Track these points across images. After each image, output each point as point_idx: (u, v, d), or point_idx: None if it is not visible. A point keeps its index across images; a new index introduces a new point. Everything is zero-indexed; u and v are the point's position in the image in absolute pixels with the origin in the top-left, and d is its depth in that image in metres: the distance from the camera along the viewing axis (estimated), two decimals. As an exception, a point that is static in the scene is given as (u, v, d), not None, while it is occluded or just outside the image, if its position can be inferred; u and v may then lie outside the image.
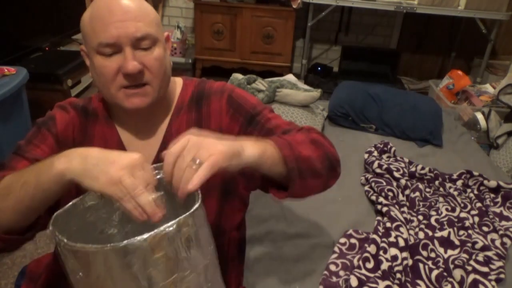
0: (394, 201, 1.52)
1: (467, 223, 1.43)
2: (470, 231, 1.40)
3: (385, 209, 1.46)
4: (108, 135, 0.89)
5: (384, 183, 1.62)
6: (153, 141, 0.90)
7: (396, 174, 1.68)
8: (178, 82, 0.95)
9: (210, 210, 0.85)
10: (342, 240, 1.34)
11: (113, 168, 0.60)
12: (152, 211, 0.60)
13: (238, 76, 2.13)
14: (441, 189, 1.66)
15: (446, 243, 1.34)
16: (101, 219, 0.70)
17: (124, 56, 0.76)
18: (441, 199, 1.59)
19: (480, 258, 1.28)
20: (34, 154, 0.82)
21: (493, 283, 1.19)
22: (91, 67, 0.82)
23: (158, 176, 0.67)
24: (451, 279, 1.19)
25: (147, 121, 0.89)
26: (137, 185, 0.59)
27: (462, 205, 1.57)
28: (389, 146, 1.94)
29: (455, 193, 1.62)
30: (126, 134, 0.90)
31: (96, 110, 0.90)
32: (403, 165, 1.78)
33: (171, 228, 0.55)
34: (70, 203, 0.65)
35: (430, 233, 1.38)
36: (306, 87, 2.16)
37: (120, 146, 0.89)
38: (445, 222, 1.42)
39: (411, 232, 1.38)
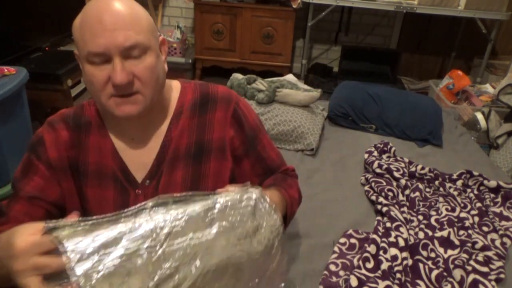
0: (394, 201, 1.52)
1: (467, 223, 1.43)
2: (470, 231, 1.40)
3: (385, 209, 1.46)
4: (102, 145, 0.87)
5: (384, 183, 1.62)
6: (149, 148, 0.88)
7: (396, 174, 1.68)
8: (175, 86, 0.93)
9: None
10: (342, 240, 1.34)
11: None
12: None
13: (238, 76, 2.13)
14: (441, 189, 1.66)
15: (446, 243, 1.34)
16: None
17: (113, 66, 0.74)
18: (441, 199, 1.59)
19: (480, 258, 1.28)
20: (27, 191, 0.84)
21: (493, 283, 1.19)
22: (83, 73, 0.80)
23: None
24: (451, 279, 1.19)
25: (143, 127, 0.87)
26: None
27: (462, 205, 1.57)
28: (389, 146, 1.94)
29: (455, 193, 1.62)
30: (121, 142, 0.88)
31: (89, 119, 0.89)
32: (403, 165, 1.78)
33: None
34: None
35: (430, 233, 1.38)
36: (306, 87, 2.16)
37: (115, 155, 0.87)
38: (445, 222, 1.42)
39: (411, 232, 1.38)
